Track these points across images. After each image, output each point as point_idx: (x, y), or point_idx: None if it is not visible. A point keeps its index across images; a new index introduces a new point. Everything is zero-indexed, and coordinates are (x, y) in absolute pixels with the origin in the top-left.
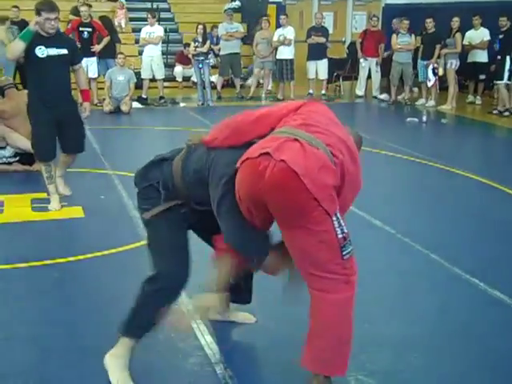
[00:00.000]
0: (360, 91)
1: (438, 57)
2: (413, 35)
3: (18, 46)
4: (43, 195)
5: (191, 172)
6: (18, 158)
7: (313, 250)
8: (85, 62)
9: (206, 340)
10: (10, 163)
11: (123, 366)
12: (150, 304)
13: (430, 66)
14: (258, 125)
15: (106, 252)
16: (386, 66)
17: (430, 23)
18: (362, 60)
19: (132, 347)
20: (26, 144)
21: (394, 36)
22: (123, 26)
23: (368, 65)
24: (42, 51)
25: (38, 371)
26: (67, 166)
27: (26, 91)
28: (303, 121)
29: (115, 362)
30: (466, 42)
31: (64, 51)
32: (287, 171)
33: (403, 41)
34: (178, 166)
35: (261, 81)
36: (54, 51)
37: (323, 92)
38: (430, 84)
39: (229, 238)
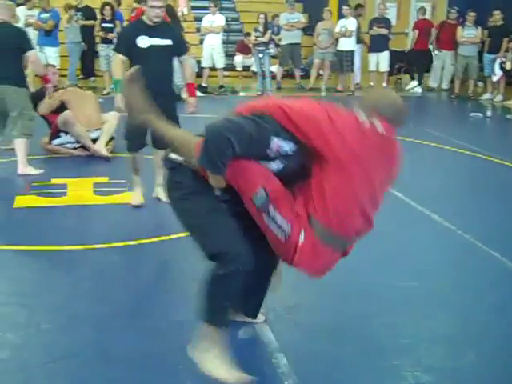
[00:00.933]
0: (434, 83)
1: (506, 50)
2: (479, 28)
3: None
4: (105, 179)
5: None
6: (81, 144)
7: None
8: None
9: (263, 329)
10: (74, 148)
11: (216, 358)
12: (222, 289)
13: (497, 61)
14: None
15: (173, 236)
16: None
17: (497, 15)
18: (436, 52)
19: (217, 335)
20: (84, 140)
21: (460, 28)
22: (185, 13)
23: (443, 57)
24: (144, 41)
25: (100, 350)
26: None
27: (87, 92)
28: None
29: (207, 356)
30: None
31: (168, 42)
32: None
33: (469, 33)
34: None
35: (321, 72)
36: (157, 41)
37: (384, 84)
38: (495, 79)
39: (213, 127)
